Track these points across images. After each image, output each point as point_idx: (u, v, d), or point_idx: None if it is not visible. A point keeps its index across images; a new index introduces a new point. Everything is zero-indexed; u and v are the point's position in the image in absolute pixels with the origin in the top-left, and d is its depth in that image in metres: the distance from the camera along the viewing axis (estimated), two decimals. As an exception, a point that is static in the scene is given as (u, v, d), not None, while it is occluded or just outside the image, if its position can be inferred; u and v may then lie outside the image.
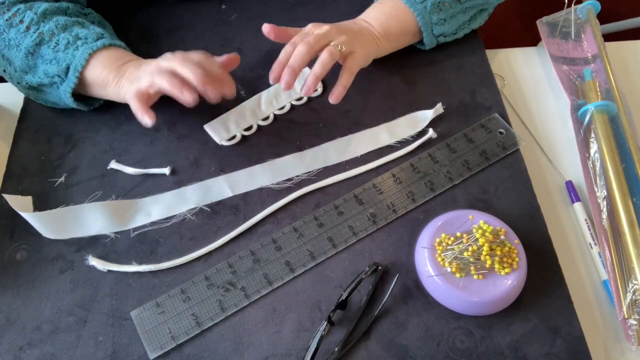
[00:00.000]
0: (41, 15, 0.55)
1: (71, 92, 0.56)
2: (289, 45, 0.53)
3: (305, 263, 0.52)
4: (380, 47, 0.61)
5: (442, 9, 0.61)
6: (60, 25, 0.55)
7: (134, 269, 0.52)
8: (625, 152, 0.58)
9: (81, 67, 0.54)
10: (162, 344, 0.48)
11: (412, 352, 0.48)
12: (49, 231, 0.53)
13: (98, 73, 0.55)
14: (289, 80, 0.51)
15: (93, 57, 0.55)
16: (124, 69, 0.55)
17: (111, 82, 0.55)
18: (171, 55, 0.53)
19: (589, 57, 0.67)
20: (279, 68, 0.52)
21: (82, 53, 0.54)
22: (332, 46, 0.53)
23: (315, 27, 0.55)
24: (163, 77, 0.51)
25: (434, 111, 0.60)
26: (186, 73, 0.51)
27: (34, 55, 0.55)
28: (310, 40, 0.52)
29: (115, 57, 0.56)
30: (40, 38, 0.54)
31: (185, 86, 0.50)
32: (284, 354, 0.48)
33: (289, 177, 0.58)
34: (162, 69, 0.52)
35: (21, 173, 0.59)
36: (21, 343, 0.49)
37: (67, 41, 0.54)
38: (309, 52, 0.52)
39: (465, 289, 0.47)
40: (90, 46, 0.54)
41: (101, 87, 0.56)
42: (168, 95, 0.52)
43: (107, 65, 0.55)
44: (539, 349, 0.48)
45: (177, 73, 0.51)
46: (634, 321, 0.49)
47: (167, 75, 0.51)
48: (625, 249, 0.52)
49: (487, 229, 0.50)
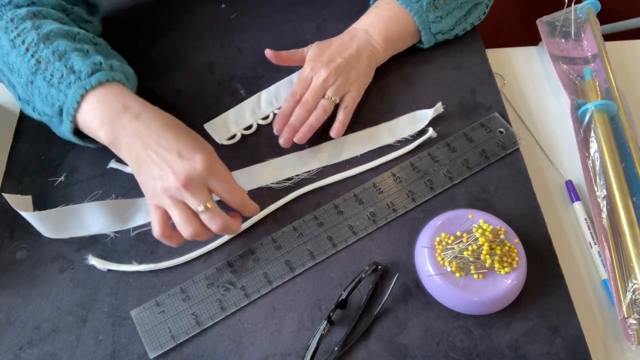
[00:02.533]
0: (43, 37, 0.50)
1: (71, 132, 0.51)
2: (290, 97, 0.59)
3: (305, 262, 0.52)
4: (379, 59, 0.63)
5: (438, 6, 0.62)
6: (58, 52, 0.49)
7: (133, 268, 0.52)
8: (625, 152, 0.58)
9: (73, 110, 0.48)
10: (162, 343, 0.48)
11: (412, 351, 0.48)
12: (49, 230, 0.53)
13: (90, 122, 0.49)
14: (288, 138, 0.57)
15: (85, 99, 0.48)
16: (118, 133, 0.48)
17: (105, 142, 0.49)
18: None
19: (589, 56, 0.67)
20: (283, 120, 0.59)
21: (74, 94, 0.48)
22: (327, 101, 0.58)
23: (313, 70, 0.59)
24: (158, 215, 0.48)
25: (434, 110, 0.60)
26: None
27: (32, 84, 0.50)
28: (308, 99, 0.58)
29: (108, 103, 0.48)
30: (37, 66, 0.49)
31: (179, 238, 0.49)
32: (284, 354, 0.48)
33: (289, 176, 0.58)
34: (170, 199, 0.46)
35: (21, 173, 0.59)
36: (21, 342, 0.49)
37: (61, 74, 0.48)
38: (307, 112, 0.58)
39: (465, 288, 0.47)
40: (83, 84, 0.48)
41: (94, 137, 0.50)
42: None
43: (98, 115, 0.48)
44: (539, 348, 0.48)
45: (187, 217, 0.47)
46: (634, 320, 0.49)
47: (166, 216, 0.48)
48: (625, 249, 0.52)
49: (487, 228, 0.50)
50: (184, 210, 0.46)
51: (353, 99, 0.60)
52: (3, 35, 0.51)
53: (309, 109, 0.58)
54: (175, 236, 0.48)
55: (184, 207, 0.46)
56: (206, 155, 0.47)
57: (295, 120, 0.58)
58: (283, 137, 0.57)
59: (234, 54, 0.68)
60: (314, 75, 0.59)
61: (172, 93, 0.64)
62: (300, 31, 0.70)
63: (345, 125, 0.59)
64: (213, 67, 0.67)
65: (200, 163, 0.46)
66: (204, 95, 0.64)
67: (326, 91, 0.59)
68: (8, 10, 0.52)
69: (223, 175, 0.48)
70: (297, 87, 0.60)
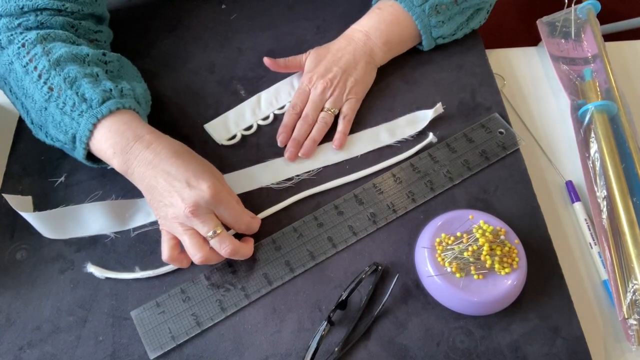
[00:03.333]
0: (54, 63, 0.50)
1: (84, 158, 0.52)
2: (291, 109, 0.61)
3: (305, 263, 0.52)
4: (378, 62, 0.64)
5: (440, 11, 0.62)
6: (69, 79, 0.50)
7: (132, 276, 0.51)
8: (625, 152, 0.58)
9: (86, 138, 0.50)
10: (162, 343, 0.48)
11: (412, 352, 0.48)
12: (49, 231, 0.53)
13: (103, 151, 0.50)
14: (293, 152, 0.59)
15: (97, 128, 0.50)
16: (130, 164, 0.49)
17: (118, 168, 0.50)
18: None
19: (589, 57, 0.67)
20: (286, 133, 0.60)
21: (86, 122, 0.49)
22: (326, 114, 0.60)
23: (310, 83, 0.61)
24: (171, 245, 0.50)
25: (434, 111, 0.60)
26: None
27: (46, 110, 0.51)
28: (308, 113, 0.60)
29: (119, 132, 0.49)
30: (50, 94, 0.50)
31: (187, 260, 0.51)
32: (284, 354, 0.48)
33: (289, 176, 0.58)
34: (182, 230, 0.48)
35: (21, 173, 0.59)
36: (21, 343, 0.49)
37: (73, 102, 0.49)
38: (309, 126, 0.60)
39: (465, 289, 0.47)
40: (94, 113, 0.49)
41: (108, 162, 0.51)
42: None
43: (111, 144, 0.49)
44: (539, 349, 0.48)
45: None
46: (634, 321, 0.49)
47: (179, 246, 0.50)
48: (625, 249, 0.52)
49: (487, 228, 0.50)
50: (193, 236, 0.48)
51: (352, 108, 0.61)
52: (16, 61, 0.52)
53: (311, 123, 0.60)
54: (184, 259, 0.50)
55: (193, 233, 0.48)
56: (213, 183, 0.48)
57: (299, 135, 0.59)
58: (289, 152, 0.58)
59: (234, 55, 0.68)
60: (312, 88, 0.61)
61: (172, 93, 0.64)
62: (300, 31, 0.70)
63: (346, 134, 0.60)
64: (213, 67, 0.67)
65: (207, 191, 0.47)
66: (204, 96, 0.64)
67: (325, 103, 0.60)
68: (19, 34, 0.53)
69: (229, 202, 0.49)
70: (297, 100, 0.61)
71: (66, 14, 0.55)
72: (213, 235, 0.48)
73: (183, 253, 0.50)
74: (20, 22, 0.53)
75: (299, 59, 0.63)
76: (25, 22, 0.53)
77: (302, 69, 0.63)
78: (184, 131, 0.61)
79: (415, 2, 0.61)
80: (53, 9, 0.54)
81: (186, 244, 0.48)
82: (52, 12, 0.54)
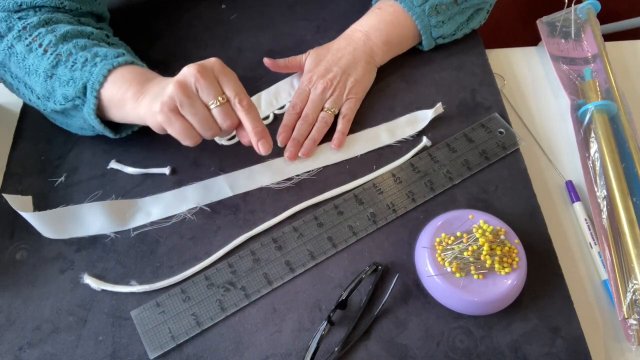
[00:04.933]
0: (60, 38, 0.51)
1: (94, 113, 0.51)
2: (291, 109, 0.61)
3: (305, 263, 0.52)
4: (378, 62, 0.64)
5: (440, 11, 0.62)
6: (79, 45, 0.51)
7: (128, 290, 0.51)
8: (625, 152, 0.58)
9: (99, 84, 0.49)
10: (162, 343, 0.48)
11: (412, 351, 0.48)
12: (49, 231, 0.53)
13: (117, 89, 0.49)
14: (294, 152, 0.58)
15: (112, 74, 0.50)
16: (146, 87, 0.49)
17: (130, 99, 0.49)
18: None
19: (589, 56, 0.67)
20: (286, 133, 0.59)
21: (101, 69, 0.49)
22: (326, 113, 0.60)
23: (310, 83, 0.61)
24: (177, 121, 0.47)
25: (434, 111, 0.60)
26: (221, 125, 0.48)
27: (52, 78, 0.51)
28: (308, 113, 0.60)
29: (137, 73, 0.51)
30: (58, 59, 0.50)
31: (196, 136, 0.48)
32: (284, 354, 0.48)
33: (288, 176, 0.58)
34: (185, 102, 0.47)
35: (21, 173, 0.59)
36: (21, 343, 0.49)
37: (85, 59, 0.50)
38: (309, 125, 0.60)
39: (465, 288, 0.47)
40: (110, 62, 0.50)
41: (119, 105, 0.50)
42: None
43: (127, 80, 0.50)
44: (539, 348, 0.48)
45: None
46: (634, 321, 0.49)
47: (181, 118, 0.47)
48: (625, 249, 0.52)
49: (487, 228, 0.50)
50: (197, 106, 0.47)
51: (351, 108, 0.61)
52: (17, 43, 0.52)
53: (310, 123, 0.60)
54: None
55: (200, 104, 0.47)
56: (219, 61, 0.48)
57: (299, 135, 0.59)
58: (289, 152, 0.58)
59: (234, 55, 0.68)
60: (312, 88, 0.61)
61: (172, 93, 0.64)
62: (300, 31, 0.70)
63: (345, 134, 0.60)
64: (213, 67, 0.67)
65: (213, 60, 0.48)
66: (204, 96, 0.64)
67: (325, 103, 0.60)
68: (19, 20, 0.53)
69: (233, 75, 0.49)
70: (297, 100, 0.61)
71: (65, 12, 0.55)
72: (219, 103, 0.47)
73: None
74: (20, 16, 0.53)
75: (298, 59, 0.63)
76: (25, 17, 0.53)
77: (302, 69, 0.63)
78: (184, 131, 0.61)
79: (415, 2, 0.61)
80: (51, 6, 0.54)
81: (196, 117, 0.47)
82: (50, 9, 0.54)
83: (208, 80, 0.46)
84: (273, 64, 0.63)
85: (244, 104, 0.48)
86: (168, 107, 0.46)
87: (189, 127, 0.48)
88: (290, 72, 0.65)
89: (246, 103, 0.48)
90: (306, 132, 0.60)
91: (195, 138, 0.48)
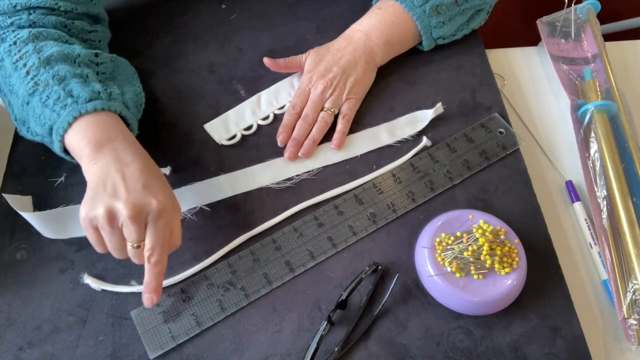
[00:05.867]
0: (44, 62, 0.50)
1: (62, 152, 0.51)
2: (291, 109, 0.61)
3: (305, 263, 0.52)
4: (378, 62, 0.64)
5: (441, 12, 0.62)
6: (58, 76, 0.49)
7: (128, 290, 0.51)
8: (625, 152, 0.58)
9: (63, 130, 0.48)
10: (162, 343, 0.48)
11: (412, 351, 0.48)
12: (49, 231, 0.53)
13: (77, 141, 0.48)
14: (294, 152, 0.58)
15: (77, 122, 0.48)
16: (100, 154, 0.47)
17: (85, 158, 0.48)
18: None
19: (589, 56, 0.67)
20: (286, 132, 0.60)
21: (67, 115, 0.48)
22: (326, 113, 0.60)
23: (310, 83, 0.61)
24: (90, 232, 0.46)
25: (434, 111, 0.60)
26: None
27: (28, 105, 0.50)
28: (308, 113, 0.60)
29: (99, 128, 0.48)
30: (35, 88, 0.49)
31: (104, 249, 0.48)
32: (284, 354, 0.48)
33: (288, 176, 0.58)
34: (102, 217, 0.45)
35: (21, 173, 0.59)
36: (21, 343, 0.49)
37: (58, 96, 0.48)
38: (309, 125, 0.60)
39: (465, 288, 0.47)
40: (78, 108, 0.48)
41: (77, 156, 0.50)
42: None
43: (87, 136, 0.48)
44: (539, 348, 0.48)
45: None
46: (634, 321, 0.49)
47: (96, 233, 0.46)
48: (625, 249, 0.52)
49: (487, 228, 0.50)
50: (115, 237, 0.46)
51: (351, 108, 0.61)
52: (7, 58, 0.52)
53: (310, 123, 0.60)
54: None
55: (119, 235, 0.46)
56: (167, 201, 0.46)
57: (298, 135, 0.59)
58: (289, 152, 0.58)
59: (234, 54, 0.68)
60: (312, 88, 0.61)
61: (172, 93, 0.64)
62: (300, 31, 0.70)
63: (345, 134, 0.60)
64: (213, 67, 0.67)
65: (156, 204, 0.45)
66: (204, 96, 0.64)
67: (325, 103, 0.61)
68: (11, 32, 0.53)
69: (158, 230, 0.46)
70: (297, 100, 0.61)
71: (59, 13, 0.55)
72: (135, 246, 0.46)
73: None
74: (13, 20, 0.53)
75: (298, 59, 0.63)
76: (18, 21, 0.53)
77: (302, 69, 0.63)
78: (184, 131, 0.61)
79: (415, 2, 0.61)
80: (46, 8, 0.54)
81: (110, 243, 0.46)
82: (44, 10, 0.54)
83: (135, 226, 0.44)
84: (273, 63, 0.63)
85: (152, 260, 0.46)
86: (90, 223, 0.45)
87: (102, 241, 0.47)
88: (290, 72, 0.65)
89: (154, 260, 0.46)
90: (306, 132, 0.60)
91: (105, 251, 0.48)
